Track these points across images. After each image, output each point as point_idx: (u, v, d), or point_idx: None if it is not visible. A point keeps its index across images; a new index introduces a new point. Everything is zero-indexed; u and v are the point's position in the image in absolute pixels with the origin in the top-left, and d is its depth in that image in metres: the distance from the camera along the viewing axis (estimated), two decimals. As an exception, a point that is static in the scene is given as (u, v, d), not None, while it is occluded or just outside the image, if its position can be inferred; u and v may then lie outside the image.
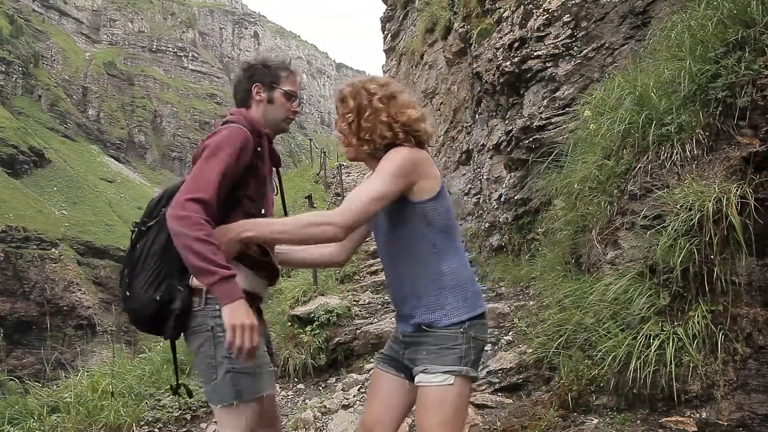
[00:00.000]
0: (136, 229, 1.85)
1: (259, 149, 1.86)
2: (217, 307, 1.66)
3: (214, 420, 3.47)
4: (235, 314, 1.61)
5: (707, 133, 2.75)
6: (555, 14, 5.04)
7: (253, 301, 1.81)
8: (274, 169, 2.03)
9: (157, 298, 1.72)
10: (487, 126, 6.76)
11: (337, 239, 1.62)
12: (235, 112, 1.92)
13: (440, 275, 1.70)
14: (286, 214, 2.03)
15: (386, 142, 1.70)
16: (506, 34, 5.66)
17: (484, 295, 1.84)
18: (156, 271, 1.74)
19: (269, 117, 1.94)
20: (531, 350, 3.49)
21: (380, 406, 1.84)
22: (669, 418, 2.60)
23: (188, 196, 1.64)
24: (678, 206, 2.62)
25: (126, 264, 1.82)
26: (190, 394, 1.95)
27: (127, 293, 1.78)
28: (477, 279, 1.88)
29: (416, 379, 1.69)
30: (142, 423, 3.64)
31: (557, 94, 5.06)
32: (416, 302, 1.72)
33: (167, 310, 1.73)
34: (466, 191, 9.03)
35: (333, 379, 4.67)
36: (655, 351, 2.57)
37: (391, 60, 16.48)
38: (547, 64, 5.10)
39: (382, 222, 1.79)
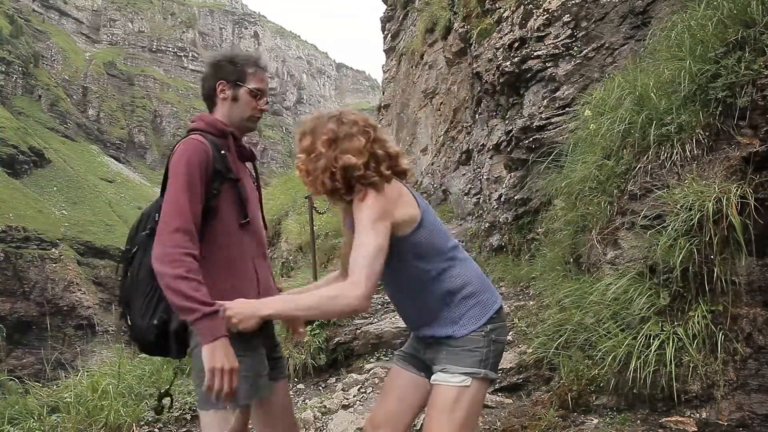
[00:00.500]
0: (122, 258, 1.83)
1: (223, 152, 1.81)
2: None
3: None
4: (214, 356, 1.57)
5: (707, 133, 2.75)
6: (555, 14, 5.04)
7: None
8: (249, 164, 1.98)
9: (155, 322, 1.71)
10: (487, 126, 6.76)
11: (363, 309, 1.57)
12: (197, 119, 1.89)
13: (445, 294, 1.69)
14: (262, 208, 1.99)
15: (328, 189, 1.65)
16: (506, 34, 5.66)
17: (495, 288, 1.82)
18: (149, 296, 1.72)
19: (233, 116, 1.88)
20: (531, 350, 3.49)
21: (393, 403, 1.83)
22: (669, 418, 2.60)
23: (169, 228, 1.63)
24: (678, 206, 2.62)
25: (121, 295, 1.81)
26: (170, 407, 1.94)
27: (129, 323, 1.78)
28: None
29: (433, 377, 1.68)
30: (142, 423, 3.63)
31: (557, 94, 5.06)
32: (429, 324, 1.72)
33: (167, 331, 1.72)
34: (466, 191, 9.03)
35: (333, 379, 4.67)
36: (655, 351, 2.56)
37: (391, 60, 16.49)
38: (547, 64, 5.10)
39: None
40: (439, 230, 1.73)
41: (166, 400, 1.87)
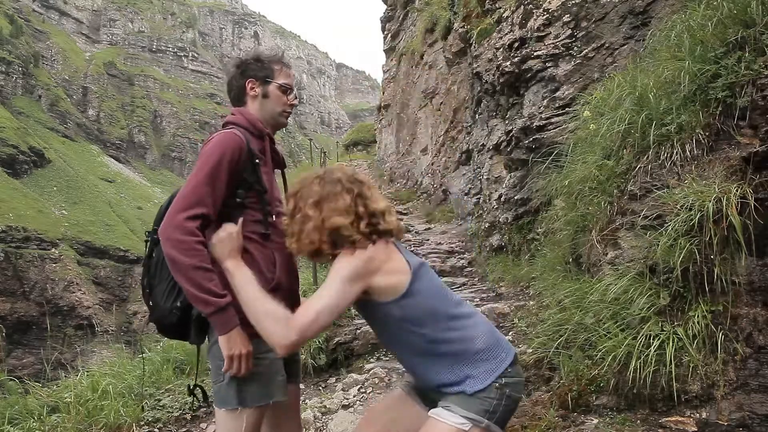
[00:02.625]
0: (149, 238, 1.82)
1: (260, 151, 1.83)
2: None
3: (213, 420, 3.47)
4: (232, 344, 1.64)
5: (707, 133, 2.74)
6: (555, 14, 5.04)
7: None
8: (279, 171, 1.99)
9: (177, 305, 1.72)
10: (487, 126, 6.76)
11: (284, 353, 1.56)
12: (236, 112, 1.89)
13: (446, 358, 1.62)
14: None
15: (315, 248, 1.63)
16: (506, 34, 5.66)
17: (507, 339, 1.75)
18: (174, 279, 1.71)
19: (265, 112, 1.91)
20: (531, 350, 3.48)
21: (386, 422, 1.77)
22: (669, 418, 2.60)
23: (186, 214, 1.63)
24: (678, 206, 2.62)
25: (145, 275, 1.81)
26: (205, 397, 1.94)
27: (150, 303, 1.78)
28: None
29: (434, 410, 1.62)
30: (142, 423, 3.63)
31: (557, 94, 5.06)
32: (435, 386, 1.65)
33: (188, 316, 1.72)
34: (466, 191, 9.03)
35: (333, 379, 4.67)
36: (655, 351, 2.56)
37: (391, 60, 16.49)
38: (547, 64, 5.10)
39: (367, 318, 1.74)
40: (437, 293, 1.66)
41: (198, 392, 1.89)
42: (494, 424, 1.58)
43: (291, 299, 1.84)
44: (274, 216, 1.84)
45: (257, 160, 1.80)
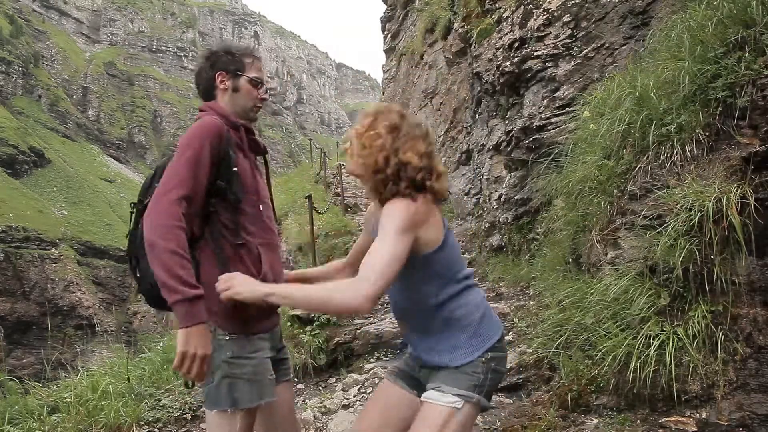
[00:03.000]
0: (135, 209, 1.79)
1: (238, 140, 1.80)
2: (221, 304, 1.62)
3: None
4: (188, 341, 1.54)
5: (707, 133, 2.74)
6: (555, 14, 5.04)
7: (268, 317, 1.79)
8: (261, 158, 1.96)
9: None
10: (487, 126, 6.76)
11: (364, 311, 1.54)
12: (206, 108, 1.85)
13: (449, 321, 1.65)
14: (272, 204, 1.97)
15: (375, 170, 1.62)
16: (506, 34, 5.66)
17: (495, 316, 1.76)
18: None
19: (236, 106, 1.86)
20: (531, 350, 3.49)
21: (379, 419, 1.76)
22: (669, 418, 2.60)
23: (170, 196, 1.59)
24: (678, 206, 2.62)
25: (131, 246, 1.77)
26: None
27: (138, 275, 1.74)
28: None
29: (425, 394, 1.64)
30: (142, 423, 3.63)
31: (557, 94, 5.06)
32: (428, 347, 1.69)
33: None
34: (466, 191, 9.03)
35: (333, 379, 4.67)
36: (655, 351, 2.56)
37: (391, 60, 16.48)
38: (547, 64, 5.10)
39: None
40: (457, 256, 1.70)
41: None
42: (483, 398, 1.63)
43: None
44: (261, 206, 1.81)
45: (237, 140, 1.78)
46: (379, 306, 5.52)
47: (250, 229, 1.77)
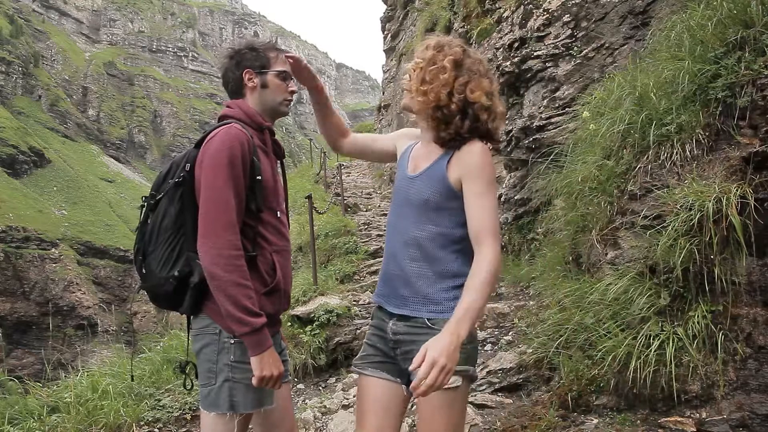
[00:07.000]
0: (145, 204, 1.78)
1: (262, 144, 1.80)
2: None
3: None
4: (264, 366, 1.63)
5: (707, 133, 2.75)
6: (555, 14, 5.04)
7: (274, 323, 1.80)
8: (277, 161, 1.95)
9: (175, 274, 1.67)
10: (487, 126, 6.75)
11: (500, 263, 1.55)
12: (233, 105, 1.83)
13: (451, 272, 1.60)
14: (287, 207, 1.97)
15: (438, 106, 1.56)
16: (506, 34, 5.66)
17: None
18: (171, 246, 1.68)
19: (266, 103, 1.85)
20: (531, 350, 3.48)
21: (377, 419, 1.68)
22: (669, 418, 2.60)
23: (221, 224, 1.60)
24: (678, 206, 2.62)
25: (139, 241, 1.76)
26: (197, 375, 1.83)
27: (143, 271, 1.74)
28: None
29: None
30: (142, 423, 3.63)
31: (557, 94, 5.06)
32: (418, 291, 1.61)
33: (186, 285, 1.68)
34: (466, 191, 9.02)
35: (333, 379, 4.67)
36: (655, 351, 2.57)
37: (391, 60, 16.48)
38: (547, 64, 5.10)
39: (406, 190, 1.67)
40: None
41: (190, 369, 1.83)
42: (473, 368, 1.61)
43: (285, 300, 1.86)
44: (278, 213, 1.81)
45: (262, 144, 1.79)
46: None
47: (267, 238, 1.78)
